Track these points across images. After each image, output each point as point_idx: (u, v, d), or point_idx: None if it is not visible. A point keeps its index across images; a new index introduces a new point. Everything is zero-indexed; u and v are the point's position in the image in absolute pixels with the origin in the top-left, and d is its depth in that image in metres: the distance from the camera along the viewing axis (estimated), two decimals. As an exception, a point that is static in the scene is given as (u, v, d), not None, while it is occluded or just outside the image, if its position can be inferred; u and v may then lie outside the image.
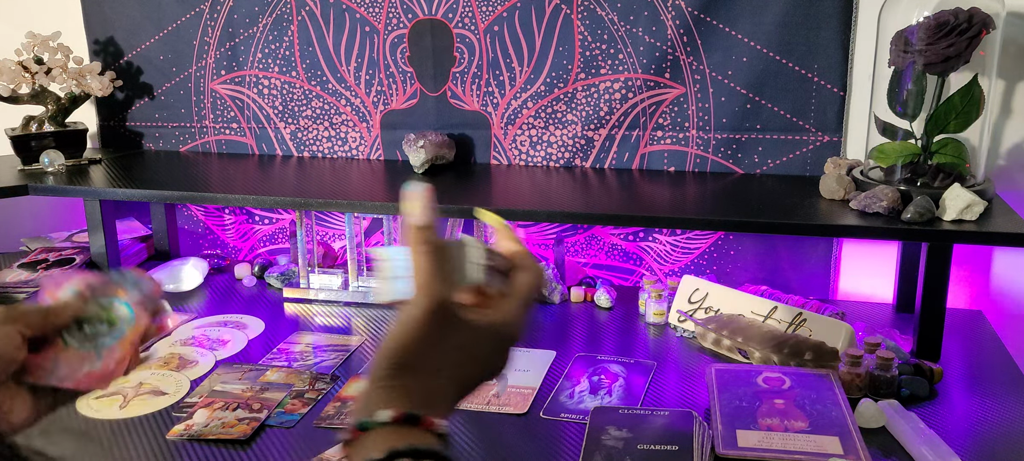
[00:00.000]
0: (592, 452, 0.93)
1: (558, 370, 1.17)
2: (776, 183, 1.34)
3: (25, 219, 1.76)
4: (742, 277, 1.43)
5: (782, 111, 1.35)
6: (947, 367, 1.15)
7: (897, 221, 1.13)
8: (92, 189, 1.39)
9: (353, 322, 1.37)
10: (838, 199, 1.22)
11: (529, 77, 1.44)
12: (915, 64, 1.17)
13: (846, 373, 1.08)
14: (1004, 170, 1.31)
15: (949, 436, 0.96)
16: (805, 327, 1.19)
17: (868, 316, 1.32)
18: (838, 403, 1.02)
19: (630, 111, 1.41)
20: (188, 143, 1.65)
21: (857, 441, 0.94)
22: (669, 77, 1.38)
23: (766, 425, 0.98)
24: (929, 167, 1.20)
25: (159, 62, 1.61)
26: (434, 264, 0.54)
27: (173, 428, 1.02)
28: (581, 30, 1.39)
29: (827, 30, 1.30)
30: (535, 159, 1.49)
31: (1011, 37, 1.24)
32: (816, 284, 1.42)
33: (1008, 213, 1.16)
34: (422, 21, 1.46)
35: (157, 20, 1.58)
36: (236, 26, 1.54)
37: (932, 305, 1.17)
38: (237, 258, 1.68)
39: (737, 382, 1.09)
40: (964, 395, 1.08)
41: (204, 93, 1.61)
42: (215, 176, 1.46)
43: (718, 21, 1.33)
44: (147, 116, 1.65)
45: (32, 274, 1.39)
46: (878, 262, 1.40)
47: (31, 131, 1.51)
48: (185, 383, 1.14)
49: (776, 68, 1.33)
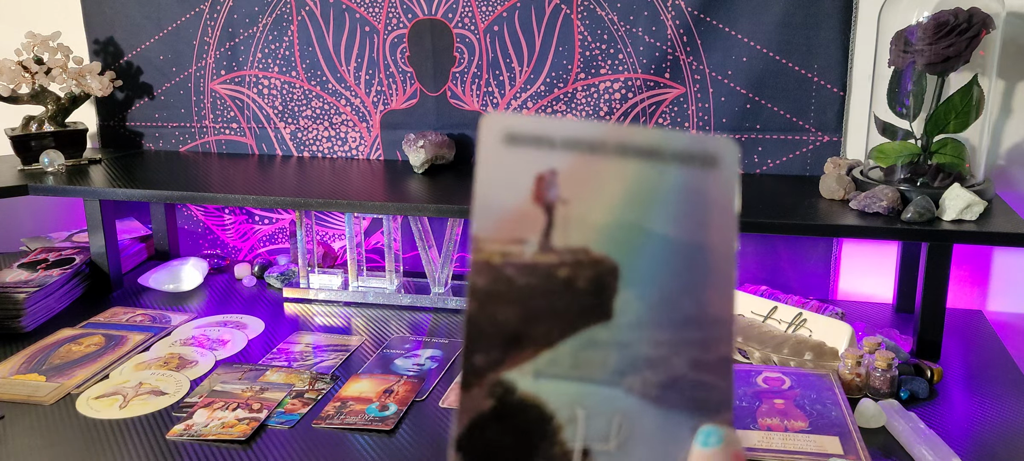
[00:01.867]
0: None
1: (558, 370, 1.17)
2: (776, 183, 1.34)
3: (25, 219, 1.76)
4: (742, 277, 1.43)
5: (782, 111, 1.35)
6: (947, 367, 1.15)
7: (897, 221, 1.13)
8: (92, 189, 1.39)
9: (353, 322, 1.37)
10: (838, 199, 1.22)
11: (529, 77, 1.44)
12: (915, 64, 1.17)
13: (846, 373, 1.08)
14: (1004, 170, 1.31)
15: (949, 436, 0.96)
16: (805, 327, 1.18)
17: (868, 316, 1.32)
18: (838, 403, 1.02)
19: (630, 111, 1.41)
20: (188, 143, 1.65)
21: (857, 441, 0.94)
22: (669, 77, 1.38)
23: (766, 425, 0.98)
24: (929, 167, 1.20)
25: (159, 62, 1.61)
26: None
27: (173, 428, 1.02)
28: (581, 30, 1.39)
29: (827, 30, 1.30)
30: (535, 159, 1.48)
31: (1011, 37, 1.24)
32: (816, 284, 1.42)
33: (1008, 213, 1.16)
34: (422, 21, 1.46)
35: (157, 20, 1.58)
36: (236, 26, 1.54)
37: (932, 305, 1.17)
38: (237, 258, 1.68)
39: (737, 382, 1.09)
40: (964, 395, 1.08)
41: (204, 93, 1.61)
42: (215, 176, 1.46)
43: (718, 21, 1.33)
44: (147, 116, 1.65)
45: (32, 274, 1.39)
46: (878, 262, 1.40)
47: (31, 131, 1.51)
48: (185, 383, 1.14)
49: (776, 68, 1.33)
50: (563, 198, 0.30)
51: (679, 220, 0.30)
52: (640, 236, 0.30)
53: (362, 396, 1.09)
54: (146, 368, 1.18)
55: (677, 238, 0.30)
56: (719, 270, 0.30)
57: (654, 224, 0.30)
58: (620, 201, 0.30)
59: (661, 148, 0.30)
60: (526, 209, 0.30)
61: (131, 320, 1.36)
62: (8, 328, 1.30)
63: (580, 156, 0.30)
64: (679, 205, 0.30)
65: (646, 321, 0.29)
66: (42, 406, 1.08)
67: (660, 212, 0.30)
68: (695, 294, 0.29)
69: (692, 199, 0.30)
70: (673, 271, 0.30)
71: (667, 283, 0.29)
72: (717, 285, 0.29)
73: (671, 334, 0.29)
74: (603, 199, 0.30)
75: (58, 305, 1.39)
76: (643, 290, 0.29)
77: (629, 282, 0.29)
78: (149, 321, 1.36)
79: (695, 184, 0.30)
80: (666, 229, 0.30)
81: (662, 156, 0.30)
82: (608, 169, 0.30)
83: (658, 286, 0.30)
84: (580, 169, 0.30)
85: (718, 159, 0.30)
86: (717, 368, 0.29)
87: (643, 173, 0.30)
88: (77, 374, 1.16)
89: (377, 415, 1.05)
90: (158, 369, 1.18)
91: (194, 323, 1.35)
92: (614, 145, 0.30)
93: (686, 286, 0.30)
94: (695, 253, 0.30)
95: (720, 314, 0.29)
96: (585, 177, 0.30)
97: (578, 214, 0.29)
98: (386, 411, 1.05)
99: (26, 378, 1.15)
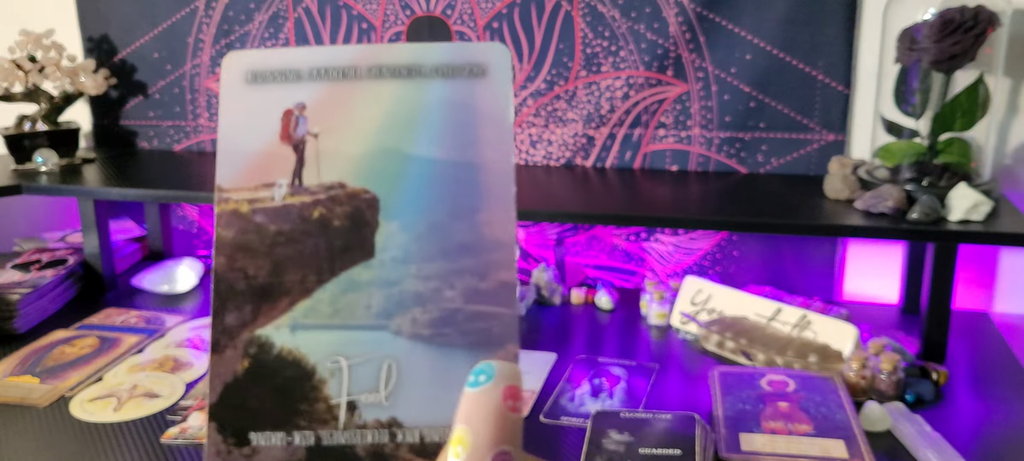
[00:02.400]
0: (593, 456, 0.92)
1: (559, 373, 1.15)
2: (780, 182, 1.32)
3: (18, 219, 1.74)
4: (746, 278, 1.42)
5: (786, 109, 1.33)
6: (953, 369, 1.13)
7: (903, 221, 1.11)
8: (86, 188, 1.38)
9: (350, 323, 1.35)
10: (843, 199, 1.21)
11: (529, 74, 1.42)
12: (921, 62, 1.15)
13: (851, 376, 1.06)
14: (1010, 169, 1.30)
15: (955, 439, 0.95)
16: (810, 329, 1.17)
17: (873, 318, 1.31)
18: (843, 406, 1.01)
19: (632, 109, 1.39)
20: (183, 142, 1.63)
21: (862, 444, 0.93)
22: (672, 75, 1.36)
23: (770, 428, 0.97)
24: (935, 166, 1.18)
25: (153, 60, 1.59)
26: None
27: (167, 431, 1.00)
28: (582, 27, 1.37)
29: (832, 27, 1.28)
30: (535, 158, 1.47)
31: (1018, 34, 1.22)
32: (821, 285, 1.40)
33: (1014, 213, 1.14)
34: (420, 18, 1.44)
35: (151, 17, 1.56)
36: (231, 23, 1.53)
37: (938, 307, 1.15)
38: (233, 258, 1.66)
39: (741, 385, 1.07)
40: (970, 398, 1.07)
41: (199, 91, 1.59)
42: (210, 175, 1.44)
43: (721, 18, 1.32)
44: (141, 114, 1.63)
45: (25, 275, 1.37)
46: (883, 263, 1.38)
47: (24, 130, 1.49)
48: (180, 386, 1.12)
49: (780, 66, 1.32)
50: (313, 132, 0.28)
51: (445, 139, 0.28)
52: (401, 162, 0.27)
53: (360, 399, 1.08)
54: (140, 370, 1.17)
55: (444, 159, 0.27)
56: (495, 188, 0.27)
57: (417, 147, 0.28)
58: (377, 127, 0.27)
59: (420, 63, 0.28)
60: (274, 150, 0.28)
61: (125, 322, 1.34)
62: (1, 330, 1.28)
63: (331, 85, 0.27)
64: (444, 123, 0.27)
65: (413, 254, 0.27)
66: (35, 409, 1.06)
67: (423, 133, 0.27)
68: (468, 218, 0.27)
69: (459, 115, 0.28)
70: (441, 195, 0.27)
71: (435, 209, 0.27)
72: (493, 206, 0.27)
73: (442, 265, 0.27)
74: (358, 128, 0.27)
75: (52, 306, 1.37)
76: (408, 220, 0.27)
77: (392, 213, 0.27)
78: (143, 323, 1.34)
79: (461, 98, 0.27)
80: (431, 151, 0.27)
81: (422, 71, 0.28)
82: (362, 95, 0.27)
83: (425, 214, 0.27)
84: (331, 99, 0.27)
85: (486, 67, 0.28)
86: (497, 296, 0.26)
87: (401, 93, 0.27)
88: (71, 376, 1.14)
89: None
90: (153, 371, 1.16)
91: (189, 324, 1.34)
92: (367, 68, 0.27)
93: (457, 210, 0.27)
94: (466, 173, 0.27)
95: (499, 236, 0.27)
96: (337, 107, 0.27)
97: (331, 147, 0.27)
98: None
99: (19, 380, 1.14)
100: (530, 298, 1.40)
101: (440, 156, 0.27)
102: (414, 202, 0.27)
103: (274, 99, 0.27)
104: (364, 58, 0.28)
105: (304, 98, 0.27)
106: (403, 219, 0.27)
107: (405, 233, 0.27)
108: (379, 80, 0.27)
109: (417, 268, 0.27)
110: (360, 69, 0.27)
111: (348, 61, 0.28)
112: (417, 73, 0.28)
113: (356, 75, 0.28)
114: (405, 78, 0.28)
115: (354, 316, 0.26)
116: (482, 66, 0.28)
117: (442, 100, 0.27)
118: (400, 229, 0.27)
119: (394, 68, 0.27)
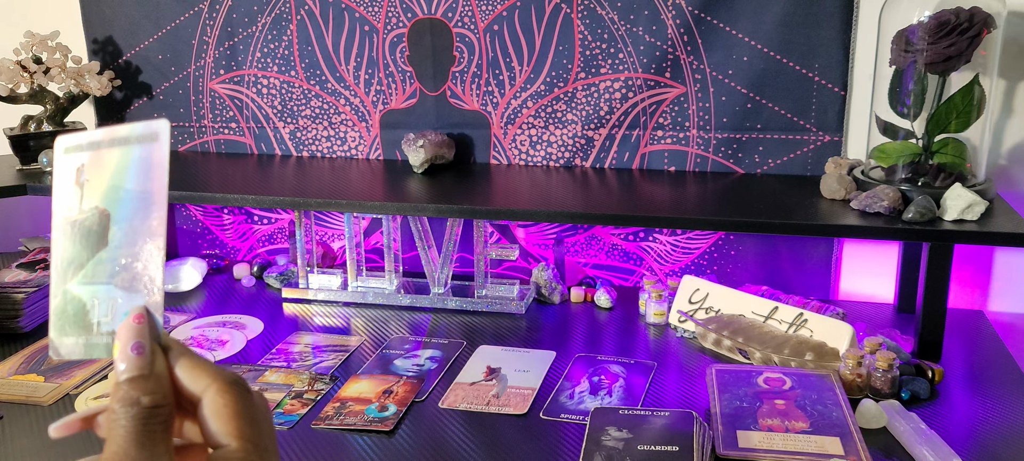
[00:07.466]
0: (592, 453, 0.93)
1: (558, 371, 1.16)
2: (777, 183, 1.34)
3: (23, 219, 1.76)
4: (743, 277, 1.43)
5: (783, 111, 1.35)
6: (948, 367, 1.14)
7: (898, 221, 1.12)
8: (90, 189, 1.39)
9: (352, 322, 1.36)
10: (839, 199, 1.22)
11: (529, 76, 1.43)
12: (916, 63, 1.16)
13: (847, 373, 1.08)
14: (1005, 170, 1.31)
15: (950, 437, 0.96)
16: (806, 327, 1.18)
17: (869, 316, 1.32)
18: (839, 404, 1.02)
19: (630, 111, 1.41)
20: (187, 143, 1.65)
21: (858, 442, 0.94)
22: (669, 76, 1.38)
23: (767, 426, 0.98)
24: (930, 167, 1.19)
25: (158, 61, 1.60)
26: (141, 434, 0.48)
27: (171, 429, 1.02)
28: (581, 29, 1.38)
29: (828, 29, 1.30)
30: (535, 159, 1.48)
31: (1012, 36, 1.24)
32: (817, 284, 1.41)
33: (1009, 213, 1.15)
34: (422, 20, 1.45)
35: (156, 19, 1.58)
36: (235, 25, 1.54)
37: (933, 305, 1.16)
38: (236, 258, 1.68)
39: (738, 383, 1.09)
40: (965, 396, 1.08)
41: (203, 93, 1.60)
42: (214, 176, 1.46)
43: (718, 20, 1.33)
44: (146, 116, 1.65)
45: (31, 274, 1.39)
46: (879, 262, 1.40)
47: (29, 131, 1.51)
48: (184, 383, 1.13)
49: (777, 67, 1.33)
50: (86, 178, 0.50)
51: (137, 178, 0.48)
52: (119, 192, 0.49)
53: (361, 397, 1.09)
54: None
55: (136, 189, 0.48)
56: (156, 204, 0.48)
57: (126, 183, 0.48)
58: (112, 172, 0.49)
59: (129, 136, 0.49)
60: (71, 190, 0.50)
61: (130, 320, 1.36)
62: (7, 328, 1.29)
63: (94, 151, 0.49)
64: (138, 169, 0.48)
65: (122, 242, 0.48)
66: (41, 406, 1.08)
67: (129, 175, 0.48)
68: (145, 221, 0.48)
69: (145, 164, 0.48)
70: (134, 209, 0.48)
71: (131, 217, 0.48)
72: (155, 214, 0.48)
73: (133, 248, 0.48)
74: (104, 174, 0.49)
75: (57, 305, 1.39)
76: (121, 224, 0.48)
77: (115, 220, 0.49)
78: (148, 321, 1.35)
79: (146, 155, 0.48)
80: (132, 185, 0.48)
81: (129, 141, 0.49)
82: (108, 156, 0.49)
83: (127, 220, 0.48)
84: (94, 159, 0.49)
85: (157, 135, 0.48)
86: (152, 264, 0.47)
87: (122, 153, 0.49)
88: (76, 375, 1.16)
89: (376, 416, 1.04)
90: (157, 369, 1.18)
91: (193, 323, 1.35)
92: (109, 141, 0.49)
93: (140, 216, 0.48)
94: (144, 197, 0.48)
95: (156, 230, 0.48)
96: (97, 163, 0.49)
97: (92, 186, 0.49)
98: (385, 412, 1.05)
99: (25, 378, 1.15)
100: (530, 296, 1.41)
101: (134, 188, 0.48)
102: (124, 213, 0.48)
103: (72, 162, 0.50)
104: (108, 135, 0.49)
105: (84, 160, 0.49)
106: (119, 224, 0.48)
107: (119, 231, 0.48)
108: (114, 146, 0.49)
109: (125, 250, 0.48)
110: (105, 142, 0.49)
111: (101, 138, 0.49)
112: (127, 141, 0.48)
113: (105, 145, 0.49)
114: (124, 145, 0.49)
115: (99, 277, 0.49)
116: (156, 134, 0.48)
117: (137, 156, 0.48)
118: (117, 229, 0.48)
119: (120, 139, 0.49)
